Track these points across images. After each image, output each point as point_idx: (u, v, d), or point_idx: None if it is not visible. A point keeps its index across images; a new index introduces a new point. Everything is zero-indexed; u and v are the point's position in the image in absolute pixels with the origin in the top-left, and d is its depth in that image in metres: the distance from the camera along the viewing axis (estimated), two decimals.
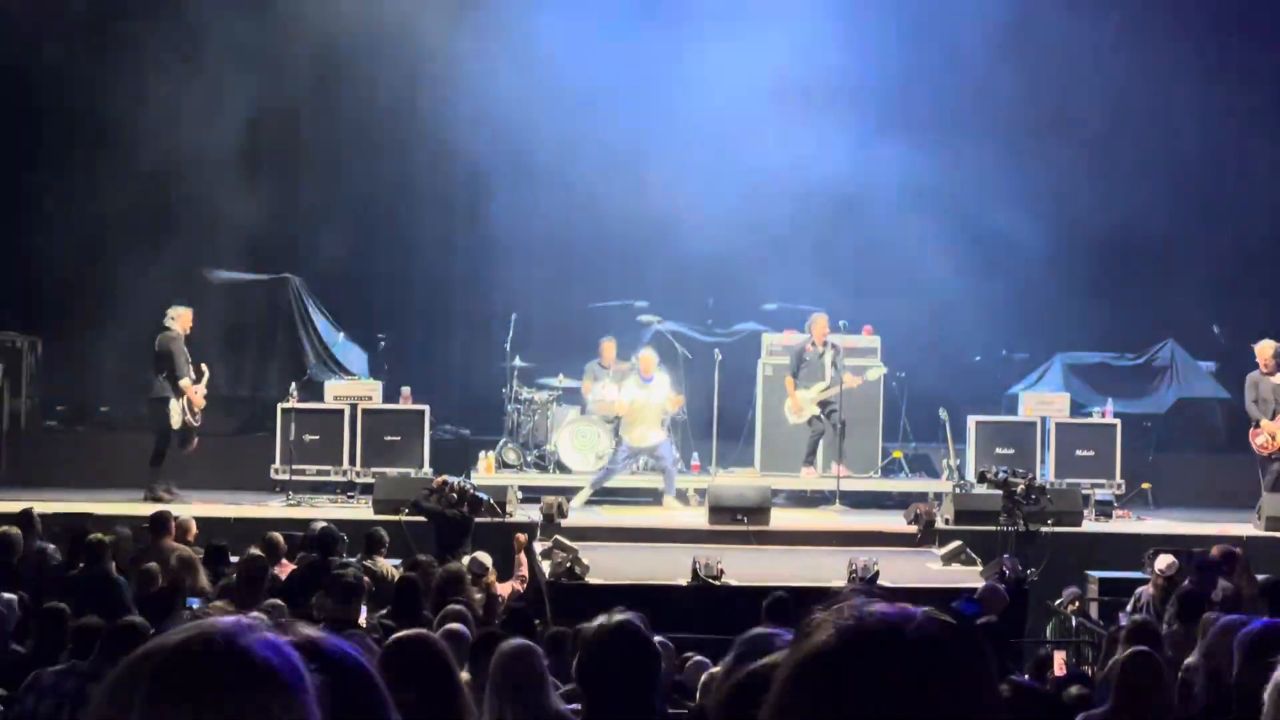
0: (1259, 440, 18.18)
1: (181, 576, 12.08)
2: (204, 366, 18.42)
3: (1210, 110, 22.73)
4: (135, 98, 21.38)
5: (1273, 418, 18.05)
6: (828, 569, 14.57)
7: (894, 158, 22.71)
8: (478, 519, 15.80)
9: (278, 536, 13.46)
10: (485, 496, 16.12)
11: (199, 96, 21.66)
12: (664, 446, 18.47)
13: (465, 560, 13.19)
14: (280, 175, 22.78)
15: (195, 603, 11.29)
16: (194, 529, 14.17)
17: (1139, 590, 13.50)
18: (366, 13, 21.82)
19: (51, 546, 13.67)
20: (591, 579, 14.13)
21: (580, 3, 22.36)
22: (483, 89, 22.37)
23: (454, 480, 16.26)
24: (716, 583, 13.89)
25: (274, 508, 17.61)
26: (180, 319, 18.31)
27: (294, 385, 19.24)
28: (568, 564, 14.10)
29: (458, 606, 10.03)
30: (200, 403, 18.17)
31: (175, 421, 18.07)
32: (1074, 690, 8.64)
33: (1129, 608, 13.18)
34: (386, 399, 19.65)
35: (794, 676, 1.85)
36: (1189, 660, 9.36)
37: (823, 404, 19.01)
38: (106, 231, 22.20)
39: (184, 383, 18.05)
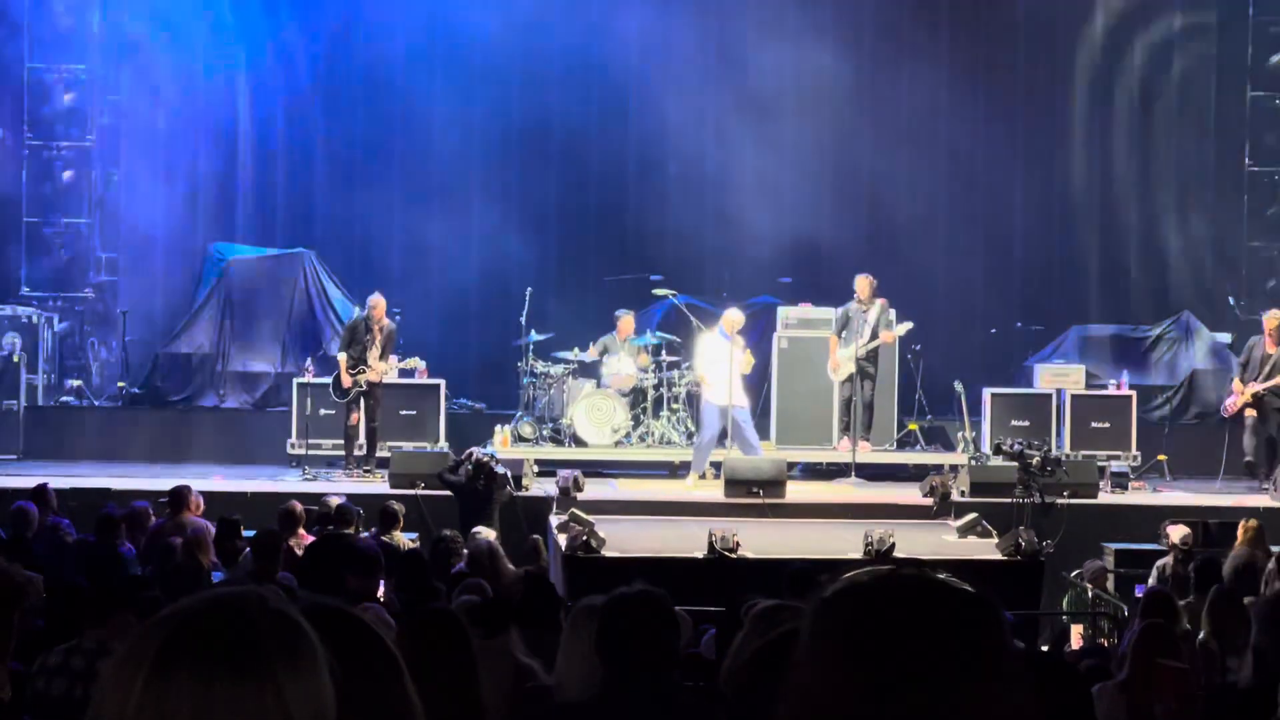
0: (1228, 400, 18.55)
1: (197, 551, 12.10)
2: (373, 358, 18.34)
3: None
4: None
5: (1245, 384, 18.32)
6: (844, 541, 14.57)
7: (904, 132, 22.74)
8: (516, 493, 15.92)
9: (296, 505, 13.45)
10: (504, 470, 16.15)
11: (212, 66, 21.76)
12: (743, 411, 18.15)
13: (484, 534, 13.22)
14: (296, 149, 22.80)
15: (219, 575, 11.34)
16: (200, 503, 14.16)
17: (1160, 562, 13.49)
18: None
19: (66, 521, 13.70)
20: (607, 552, 14.14)
21: None
22: (500, 61, 22.41)
23: (477, 452, 16.34)
24: (733, 555, 13.89)
25: (290, 482, 17.65)
26: (371, 307, 18.46)
27: (309, 360, 19.27)
28: (584, 537, 14.12)
29: (476, 580, 10.03)
30: (346, 381, 18.19)
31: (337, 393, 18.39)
32: (1090, 662, 8.64)
33: (1152, 580, 13.16)
34: (402, 373, 19.67)
35: (824, 616, 1.85)
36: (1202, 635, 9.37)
37: (859, 364, 18.88)
38: (120, 205, 22.26)
39: (338, 356, 18.37)
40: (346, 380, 18.20)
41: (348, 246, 22.23)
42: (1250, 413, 18.46)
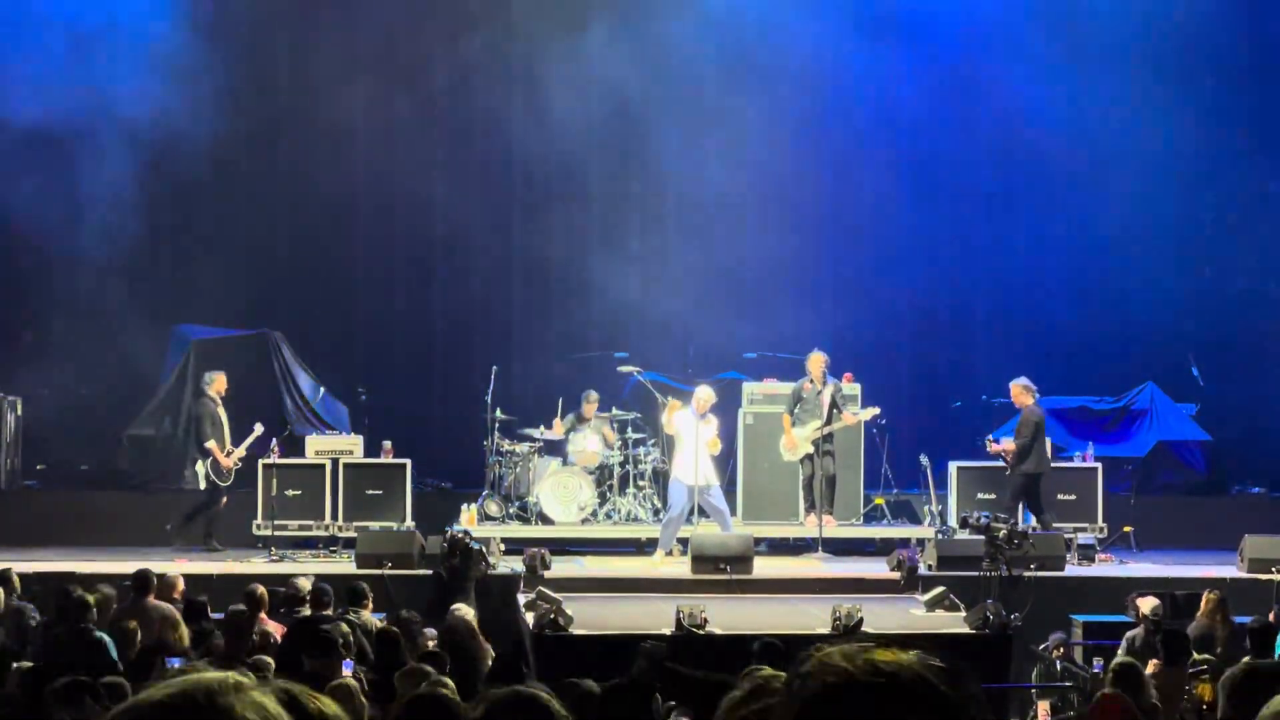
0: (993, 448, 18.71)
1: (165, 635, 12.03)
2: (259, 426, 18.80)
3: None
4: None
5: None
6: (812, 617, 14.57)
7: (872, 205, 22.90)
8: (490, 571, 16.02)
9: (260, 588, 13.39)
10: (479, 546, 16.14)
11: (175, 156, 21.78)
12: (716, 491, 18.11)
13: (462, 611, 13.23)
14: (258, 231, 22.80)
15: (176, 662, 11.23)
16: (180, 586, 14.12)
17: (1130, 634, 13.50)
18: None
19: (30, 606, 13.61)
20: (575, 630, 14.11)
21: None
22: (457, 147, 22.53)
23: (453, 531, 16.42)
24: (700, 632, 13.86)
25: (257, 564, 17.55)
26: (212, 384, 19.03)
27: (275, 441, 19.22)
28: (551, 615, 14.08)
29: (439, 658, 9.99)
30: (227, 463, 18.67)
31: (201, 483, 18.88)
32: None
33: (1120, 651, 13.15)
34: (368, 453, 19.62)
35: None
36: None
37: (816, 443, 18.95)
38: (79, 287, 22.19)
39: (209, 445, 18.65)
40: (228, 463, 18.68)
41: (311, 326, 22.19)
42: None
